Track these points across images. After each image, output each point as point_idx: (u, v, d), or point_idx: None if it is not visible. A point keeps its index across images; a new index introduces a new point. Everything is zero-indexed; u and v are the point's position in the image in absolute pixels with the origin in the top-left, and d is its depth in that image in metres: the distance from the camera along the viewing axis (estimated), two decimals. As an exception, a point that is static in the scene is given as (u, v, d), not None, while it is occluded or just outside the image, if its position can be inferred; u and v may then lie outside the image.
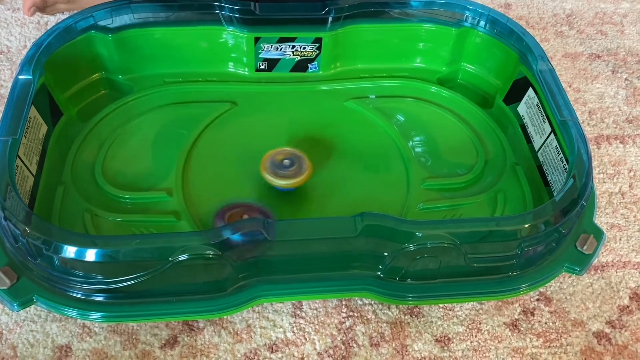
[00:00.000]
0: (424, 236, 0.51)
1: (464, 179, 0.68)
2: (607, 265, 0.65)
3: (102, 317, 0.52)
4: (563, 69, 0.87)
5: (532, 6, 0.98)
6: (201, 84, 0.75)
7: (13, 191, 0.51)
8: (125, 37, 0.72)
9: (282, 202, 0.65)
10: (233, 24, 0.72)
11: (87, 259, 0.48)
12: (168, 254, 0.48)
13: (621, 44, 0.92)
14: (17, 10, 0.87)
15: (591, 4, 0.99)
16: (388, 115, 0.74)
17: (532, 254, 0.54)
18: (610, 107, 0.82)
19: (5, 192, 0.50)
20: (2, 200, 0.50)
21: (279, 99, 0.75)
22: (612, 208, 0.70)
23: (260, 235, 0.49)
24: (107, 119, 0.71)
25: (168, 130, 0.70)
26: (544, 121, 0.68)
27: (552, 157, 0.65)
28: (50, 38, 0.65)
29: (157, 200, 0.64)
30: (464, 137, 0.73)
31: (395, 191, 0.67)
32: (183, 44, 0.74)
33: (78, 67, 0.71)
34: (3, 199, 0.50)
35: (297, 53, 0.76)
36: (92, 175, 0.65)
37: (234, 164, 0.68)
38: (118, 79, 0.74)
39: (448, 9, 0.75)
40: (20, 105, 0.59)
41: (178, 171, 0.66)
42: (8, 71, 0.79)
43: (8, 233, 0.51)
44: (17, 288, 0.50)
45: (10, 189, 0.51)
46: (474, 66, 0.79)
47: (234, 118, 0.73)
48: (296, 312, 0.59)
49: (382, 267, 0.54)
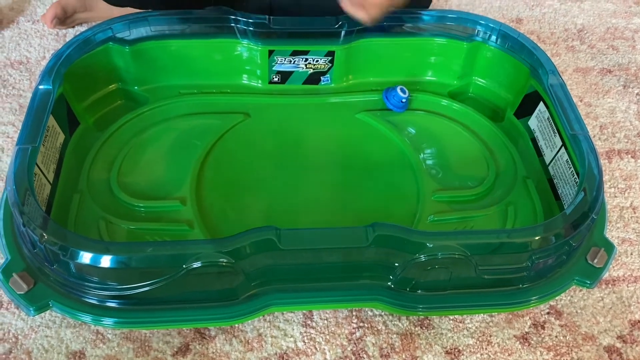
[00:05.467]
0: (434, 247, 0.51)
1: (474, 191, 0.69)
2: (618, 280, 0.65)
3: (115, 323, 0.52)
4: (574, 83, 0.88)
5: (544, 21, 0.98)
6: (215, 95, 0.77)
7: (32, 198, 0.52)
8: (142, 49, 0.73)
9: (294, 212, 0.65)
10: (247, 37, 0.73)
11: (102, 265, 0.49)
12: (182, 262, 0.49)
13: (633, 59, 0.92)
14: (37, 22, 0.89)
15: (602, 19, 0.99)
16: (399, 127, 0.75)
17: (543, 267, 0.54)
18: (621, 122, 0.82)
19: (24, 199, 0.51)
20: (21, 207, 0.51)
21: (292, 111, 0.76)
22: (623, 222, 0.70)
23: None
24: (123, 129, 0.72)
25: (182, 140, 0.72)
26: (554, 135, 0.68)
27: (562, 171, 0.66)
28: (69, 49, 0.67)
29: (171, 208, 0.65)
30: (474, 150, 0.74)
31: (406, 203, 0.67)
32: (198, 56, 0.75)
33: (95, 77, 0.73)
34: (22, 206, 0.51)
35: (310, 66, 0.77)
36: (107, 184, 0.66)
37: (246, 174, 0.69)
38: (134, 89, 0.76)
39: (460, 24, 0.76)
40: (40, 114, 0.60)
41: (192, 181, 0.67)
42: (27, 81, 0.81)
43: (26, 239, 0.52)
44: (33, 293, 0.51)
45: (29, 195, 0.52)
46: (485, 80, 0.80)
47: (247, 129, 0.74)
48: (307, 322, 0.60)
49: (392, 278, 0.54)
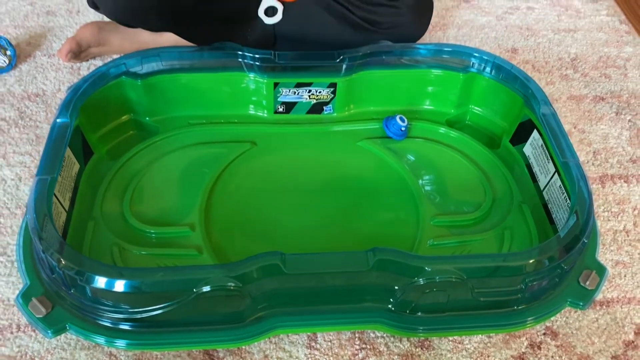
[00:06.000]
0: (432, 271, 0.54)
1: (472, 216, 0.71)
2: (612, 301, 0.67)
3: (127, 345, 0.55)
4: (568, 110, 0.91)
5: (538, 51, 1.02)
6: (223, 125, 0.80)
7: (51, 226, 0.55)
8: (153, 82, 0.77)
9: (299, 237, 0.68)
10: (254, 70, 0.77)
11: (116, 289, 0.52)
12: (192, 286, 0.52)
13: (625, 87, 0.95)
14: (52, 56, 0.93)
15: (595, 48, 1.03)
16: (399, 154, 0.78)
17: (537, 289, 0.57)
18: (614, 148, 0.85)
19: (43, 227, 0.54)
20: (41, 234, 0.54)
21: (296, 139, 0.80)
22: (617, 245, 0.73)
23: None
24: (135, 158, 0.76)
25: (192, 168, 0.75)
26: (548, 161, 0.71)
27: (556, 196, 0.68)
28: (85, 84, 0.70)
29: (181, 234, 0.67)
30: (472, 176, 0.77)
31: (406, 227, 0.70)
32: (207, 88, 0.79)
33: (109, 109, 0.76)
34: (42, 233, 0.54)
35: (314, 97, 0.80)
36: (120, 211, 0.69)
37: (253, 200, 0.72)
38: (146, 120, 0.79)
39: (455, 56, 0.79)
40: (58, 146, 0.63)
41: (201, 207, 0.70)
42: (43, 113, 0.84)
43: (45, 264, 0.55)
44: (51, 316, 0.54)
45: (48, 223, 0.55)
46: (481, 109, 0.83)
47: (253, 157, 0.77)
48: (311, 344, 0.62)
49: (393, 301, 0.57)
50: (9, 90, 0.87)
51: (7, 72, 0.89)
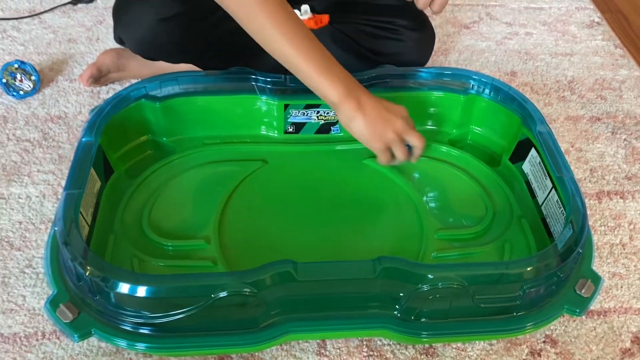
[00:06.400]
0: (435, 278, 0.57)
1: (473, 230, 0.75)
2: (609, 311, 0.70)
3: (146, 348, 0.58)
4: (566, 130, 0.95)
5: (536, 74, 1.06)
6: (236, 144, 0.84)
7: (78, 237, 0.59)
8: (171, 104, 0.82)
9: (307, 250, 0.72)
10: (266, 93, 0.81)
11: (138, 295, 0.56)
12: (210, 292, 0.55)
13: (620, 108, 0.99)
14: (74, 80, 0.99)
15: (591, 71, 1.07)
16: (403, 172, 0.82)
17: (535, 296, 0.60)
18: (610, 165, 0.89)
19: (71, 237, 0.58)
20: (69, 244, 0.58)
21: (305, 158, 0.84)
22: (613, 258, 0.76)
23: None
24: (153, 176, 0.80)
25: (206, 185, 0.79)
26: (546, 178, 0.74)
27: (554, 211, 0.72)
28: (108, 106, 0.75)
29: (196, 247, 0.71)
30: (473, 193, 0.80)
31: (411, 241, 0.74)
32: (221, 110, 0.83)
33: (129, 130, 0.81)
34: (70, 243, 0.58)
35: (322, 117, 0.85)
36: (139, 225, 0.73)
37: (264, 215, 0.76)
38: (163, 140, 0.84)
39: (455, 79, 0.84)
40: (83, 163, 0.68)
41: (215, 222, 0.74)
42: (65, 134, 0.89)
43: (72, 273, 0.59)
44: (77, 322, 0.58)
45: (76, 235, 0.59)
46: (482, 128, 0.87)
47: (264, 175, 0.81)
48: (321, 351, 0.65)
49: (399, 307, 0.60)
50: (33, 113, 0.92)
51: (32, 96, 0.94)
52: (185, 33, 0.82)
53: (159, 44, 0.83)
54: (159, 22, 0.80)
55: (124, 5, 0.84)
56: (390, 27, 0.88)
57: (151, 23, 0.80)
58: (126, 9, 0.83)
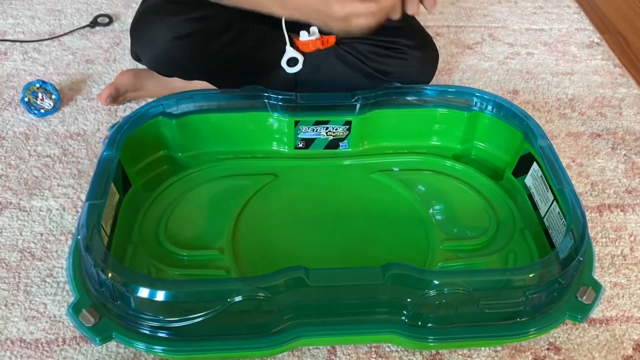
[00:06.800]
0: (441, 283, 0.60)
1: (478, 241, 0.77)
2: (611, 319, 0.72)
3: (164, 351, 0.60)
4: (567, 146, 0.97)
5: (538, 92, 1.09)
6: (248, 159, 0.88)
7: (101, 244, 0.62)
8: (187, 121, 0.85)
9: (317, 260, 0.74)
10: (277, 110, 0.85)
11: (157, 299, 0.58)
12: (226, 296, 0.58)
13: (619, 124, 1.02)
14: (92, 99, 1.03)
15: (591, 89, 1.10)
16: (410, 186, 0.85)
17: (538, 302, 0.62)
18: (610, 180, 0.91)
19: (94, 244, 0.61)
20: (92, 251, 0.61)
21: (315, 172, 0.87)
22: (614, 268, 0.78)
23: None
24: (169, 190, 0.83)
25: (220, 198, 0.82)
26: (547, 191, 0.77)
27: (555, 222, 0.74)
28: (128, 123, 0.79)
29: (211, 257, 0.74)
30: (478, 206, 0.83)
31: (417, 251, 0.76)
32: (234, 126, 0.87)
33: (146, 146, 0.84)
34: (92, 251, 0.61)
35: (330, 133, 0.88)
36: (156, 236, 0.76)
37: (275, 227, 0.79)
38: (178, 156, 0.87)
39: (459, 96, 0.87)
40: (104, 176, 0.71)
41: (228, 233, 0.77)
42: (84, 150, 0.93)
43: (94, 279, 0.62)
44: (99, 326, 0.60)
45: (99, 242, 0.62)
46: (485, 144, 0.90)
47: (275, 188, 0.84)
48: (331, 357, 0.67)
49: (406, 313, 0.63)
50: (53, 130, 0.96)
51: (52, 114, 0.98)
52: (198, 51, 0.86)
53: (173, 60, 0.87)
54: (174, 40, 0.84)
55: (142, 24, 0.88)
56: (394, 46, 0.92)
57: (166, 41, 0.85)
58: (143, 28, 0.88)
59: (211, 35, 0.87)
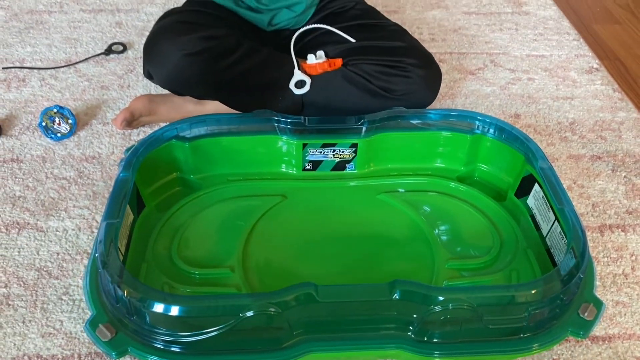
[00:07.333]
0: (446, 299, 0.62)
1: (482, 260, 0.79)
2: (614, 337, 0.73)
3: (176, 365, 0.62)
4: (568, 168, 1.00)
5: (539, 116, 1.12)
6: (257, 181, 0.91)
7: (118, 261, 0.64)
8: (199, 144, 0.88)
9: (324, 279, 0.76)
10: (286, 133, 0.88)
11: (172, 313, 0.60)
12: (238, 311, 0.60)
13: (619, 147, 1.05)
14: (107, 124, 1.06)
15: (591, 113, 1.13)
16: (415, 206, 0.87)
17: (540, 319, 0.64)
18: (611, 201, 0.93)
19: (111, 260, 0.64)
20: (110, 267, 0.63)
21: (322, 193, 0.89)
22: (616, 287, 0.79)
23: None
24: (181, 211, 0.85)
25: (230, 219, 0.84)
26: (549, 211, 0.79)
27: (557, 241, 0.76)
28: (143, 146, 0.82)
29: (222, 275, 0.76)
30: (482, 226, 0.85)
31: (423, 270, 0.78)
32: (244, 149, 0.90)
33: (160, 168, 0.87)
34: (109, 260, 0.63)
35: (337, 155, 0.91)
36: (168, 255, 0.79)
37: (284, 247, 0.81)
38: (190, 178, 0.90)
39: (462, 120, 0.90)
40: (120, 196, 0.74)
41: (239, 252, 0.79)
42: (99, 172, 0.96)
43: (111, 295, 0.64)
44: (115, 340, 0.62)
45: (116, 259, 0.64)
46: (488, 166, 0.93)
47: (284, 209, 0.87)
48: (339, 373, 0.69)
49: (412, 328, 0.64)
50: (69, 154, 0.99)
51: (68, 138, 1.02)
52: (207, 68, 0.91)
53: (183, 77, 0.91)
54: (184, 57, 0.89)
55: (154, 43, 0.93)
56: (399, 65, 0.95)
57: (177, 58, 0.89)
58: (156, 46, 0.92)
59: (220, 54, 0.91)
